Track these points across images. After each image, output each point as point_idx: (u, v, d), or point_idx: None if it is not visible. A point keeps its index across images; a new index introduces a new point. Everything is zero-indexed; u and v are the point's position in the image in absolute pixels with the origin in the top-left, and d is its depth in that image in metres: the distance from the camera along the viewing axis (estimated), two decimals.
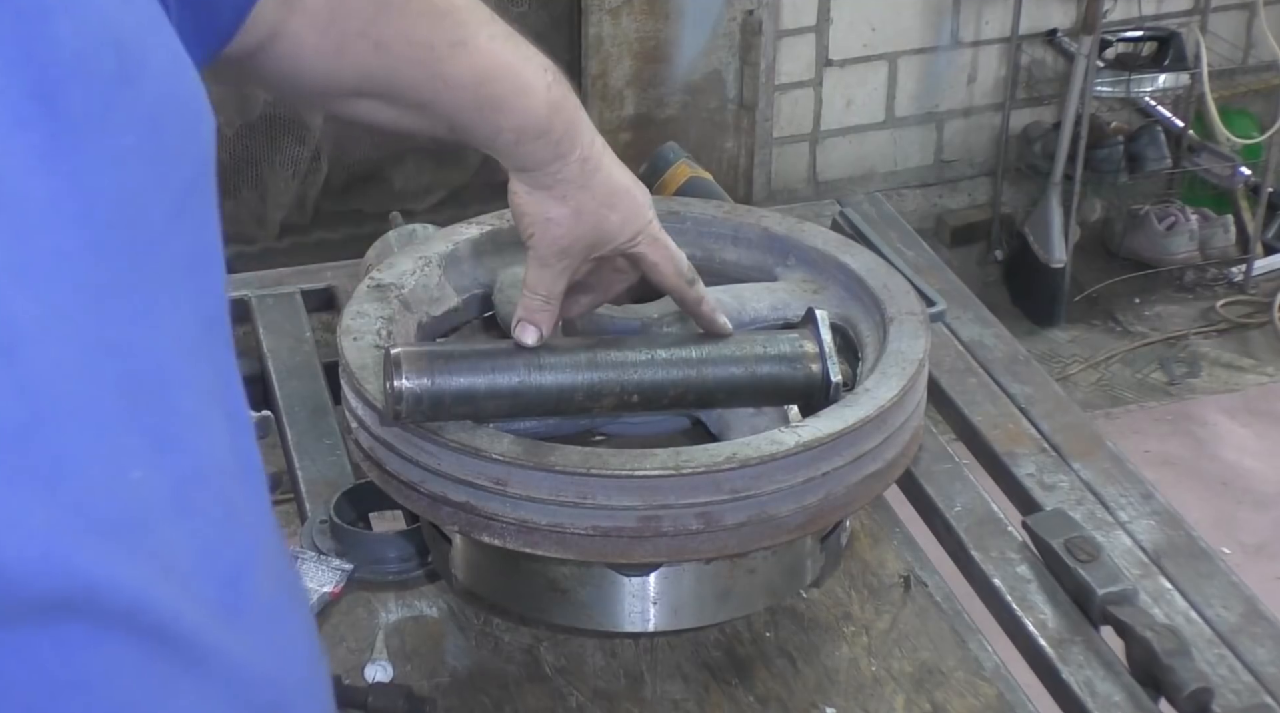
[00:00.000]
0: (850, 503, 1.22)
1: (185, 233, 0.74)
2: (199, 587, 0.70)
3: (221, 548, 0.72)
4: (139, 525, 0.66)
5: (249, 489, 0.78)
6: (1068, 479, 1.53)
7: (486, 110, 1.13)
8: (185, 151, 0.75)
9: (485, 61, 1.12)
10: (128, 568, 0.65)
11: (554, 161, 1.16)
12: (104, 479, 0.65)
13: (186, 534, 0.70)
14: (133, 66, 0.71)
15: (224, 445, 0.75)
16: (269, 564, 0.78)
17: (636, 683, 1.29)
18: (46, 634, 0.62)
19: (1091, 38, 3.67)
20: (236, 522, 0.75)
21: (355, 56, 1.06)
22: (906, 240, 1.96)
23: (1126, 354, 3.87)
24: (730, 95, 3.65)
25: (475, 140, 1.16)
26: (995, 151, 4.07)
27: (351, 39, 1.05)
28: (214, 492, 0.73)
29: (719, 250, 1.48)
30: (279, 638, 0.77)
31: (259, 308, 1.82)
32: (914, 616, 1.36)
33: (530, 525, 1.16)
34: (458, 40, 1.10)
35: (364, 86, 1.10)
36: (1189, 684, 1.25)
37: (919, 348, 1.28)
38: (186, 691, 0.69)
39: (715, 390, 1.23)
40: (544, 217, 1.18)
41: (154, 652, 0.67)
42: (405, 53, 1.08)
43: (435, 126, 1.14)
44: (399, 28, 1.07)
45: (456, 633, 1.35)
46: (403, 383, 1.14)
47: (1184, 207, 4.07)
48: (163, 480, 0.69)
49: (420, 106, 1.12)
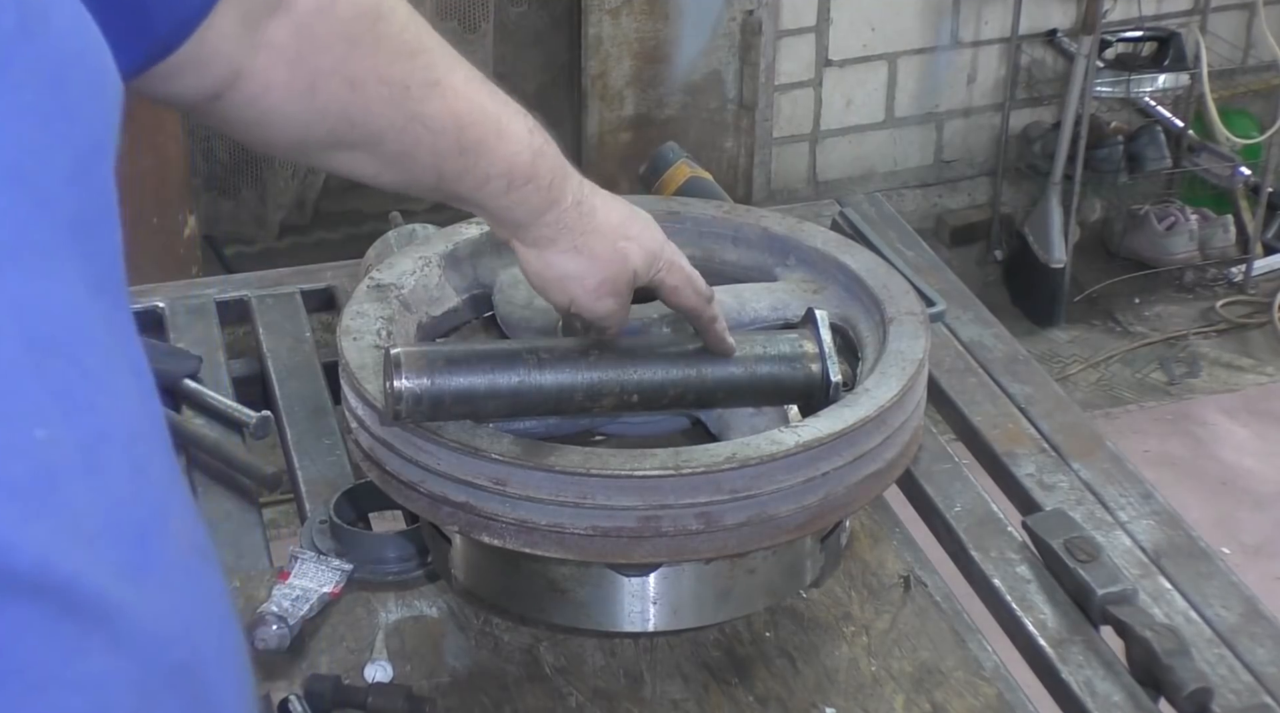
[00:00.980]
0: (850, 503, 1.22)
1: (81, 193, 0.73)
2: (105, 546, 0.69)
3: (129, 507, 0.72)
4: (45, 485, 0.66)
5: (156, 448, 0.77)
6: (1067, 479, 1.53)
7: (470, 156, 1.11)
8: (88, 111, 0.74)
9: (463, 104, 1.10)
10: (33, 527, 0.65)
11: (549, 209, 1.15)
12: (7, 439, 0.65)
13: (93, 492, 0.69)
14: (34, 22, 0.70)
15: (132, 403, 0.75)
16: (178, 524, 0.77)
17: (636, 683, 1.29)
18: None
19: (1091, 38, 3.67)
20: (145, 480, 0.74)
21: (328, 97, 1.04)
22: (906, 240, 1.96)
23: (1126, 354, 3.87)
24: (730, 95, 3.65)
25: (464, 191, 1.14)
26: (995, 151, 4.07)
27: (323, 77, 1.03)
28: (122, 450, 0.72)
29: (719, 250, 1.48)
30: (189, 598, 0.77)
31: (259, 308, 1.82)
32: (914, 616, 1.36)
33: (530, 525, 1.16)
34: (432, 80, 1.08)
35: (341, 133, 1.07)
36: (1189, 684, 1.25)
37: (919, 348, 1.28)
38: (93, 651, 0.69)
39: (715, 390, 1.23)
40: (565, 276, 1.18)
41: (59, 614, 0.67)
42: (380, 93, 1.06)
43: (422, 177, 1.13)
44: (371, 65, 1.05)
45: (456, 633, 1.35)
46: (403, 383, 1.14)
47: (1184, 207, 4.07)
48: (70, 439, 0.68)
49: (403, 155, 1.10)
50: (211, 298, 1.83)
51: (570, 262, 1.17)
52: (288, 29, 1.00)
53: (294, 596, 1.33)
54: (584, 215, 1.17)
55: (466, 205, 1.16)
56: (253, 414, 1.61)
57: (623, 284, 1.19)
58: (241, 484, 1.54)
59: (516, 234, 1.18)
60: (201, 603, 0.79)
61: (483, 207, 1.16)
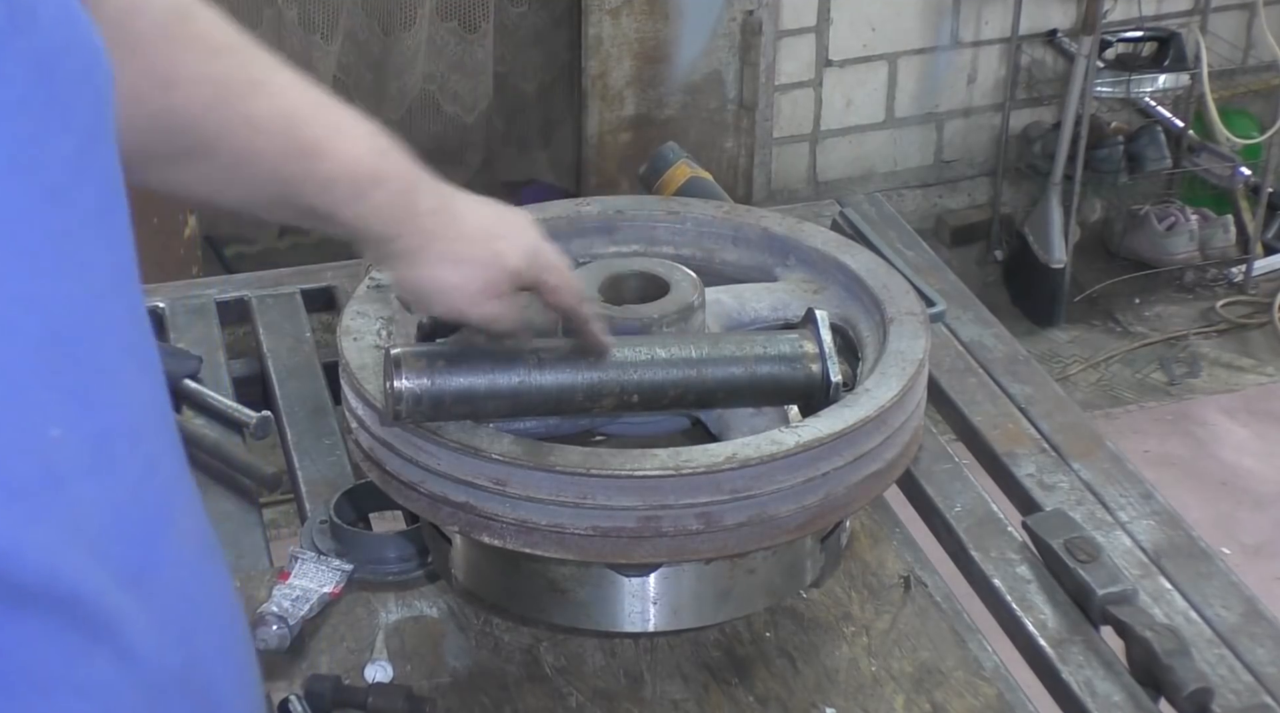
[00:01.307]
0: (850, 503, 1.22)
1: (88, 184, 0.73)
2: (109, 547, 0.69)
3: (137, 505, 0.72)
4: (54, 485, 0.66)
5: (165, 443, 0.77)
6: (1068, 479, 1.53)
7: (309, 158, 1.05)
8: (80, 101, 0.74)
9: (287, 103, 1.05)
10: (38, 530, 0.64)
11: (408, 218, 1.09)
12: (20, 438, 0.65)
13: (101, 490, 0.69)
14: (22, 16, 0.70)
15: (144, 399, 0.75)
16: (184, 523, 0.77)
17: (636, 683, 1.29)
18: None
19: (1091, 38, 3.67)
20: (153, 476, 0.74)
21: (150, 101, 0.99)
22: (906, 240, 1.96)
23: (1126, 354, 3.87)
24: (730, 95, 3.65)
25: (311, 199, 1.07)
26: (995, 152, 4.07)
27: (141, 77, 0.98)
28: (133, 447, 0.72)
29: (719, 250, 1.48)
30: (194, 598, 0.77)
31: (259, 308, 1.82)
32: (914, 616, 1.36)
33: (530, 526, 1.16)
34: (253, 79, 1.04)
35: (172, 141, 1.02)
36: (1189, 684, 1.25)
37: (919, 348, 1.28)
38: (98, 657, 0.69)
39: (715, 390, 1.23)
40: (441, 287, 1.12)
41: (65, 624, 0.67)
42: (201, 92, 1.01)
43: (264, 187, 1.06)
44: (186, 63, 1.01)
45: (456, 633, 1.35)
46: (403, 383, 1.14)
47: (1184, 207, 4.07)
48: (82, 437, 0.68)
49: (239, 163, 1.04)
50: (211, 298, 1.83)
51: (444, 272, 1.12)
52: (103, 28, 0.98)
53: (294, 596, 1.33)
54: (449, 221, 1.11)
55: (319, 220, 1.08)
56: (253, 414, 1.61)
57: (503, 286, 1.13)
58: (241, 484, 1.54)
59: (382, 249, 1.11)
60: (206, 602, 0.79)
61: (335, 217, 1.08)
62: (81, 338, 0.70)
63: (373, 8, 3.48)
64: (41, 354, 0.66)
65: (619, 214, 1.50)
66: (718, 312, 1.35)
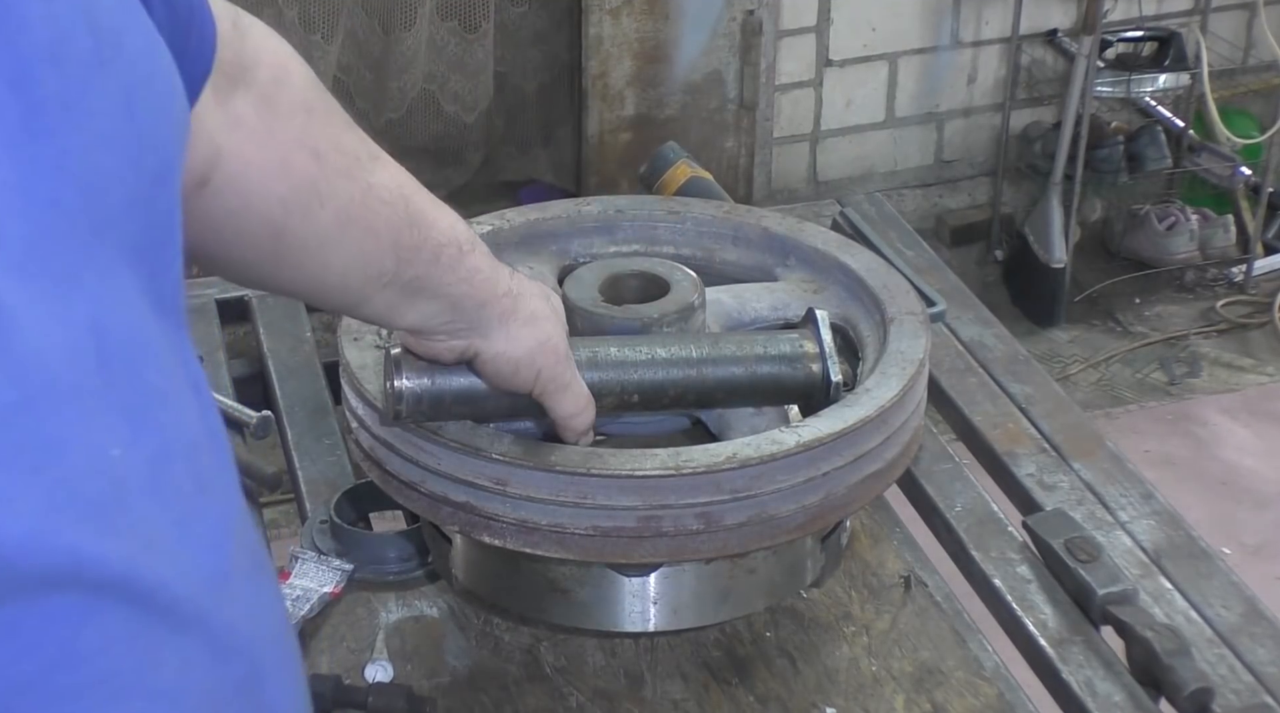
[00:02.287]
0: (850, 503, 1.22)
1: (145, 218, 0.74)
2: (175, 560, 0.71)
3: (193, 522, 0.73)
4: (119, 502, 0.67)
5: (218, 463, 0.78)
6: (1068, 479, 1.53)
7: (420, 227, 1.07)
8: (158, 135, 0.74)
9: (400, 174, 1.07)
10: (113, 543, 0.66)
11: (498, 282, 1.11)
12: (88, 458, 0.66)
13: (162, 509, 0.70)
14: (109, 49, 0.70)
15: (193, 420, 0.76)
16: (240, 536, 0.78)
17: (636, 683, 1.29)
18: (38, 610, 0.63)
19: (1091, 38, 3.67)
20: (208, 495, 0.75)
21: (298, 171, 1.00)
22: (906, 240, 1.96)
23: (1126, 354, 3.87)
24: (730, 95, 3.65)
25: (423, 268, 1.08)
26: (995, 151, 4.07)
27: (291, 149, 0.99)
28: (185, 466, 0.73)
29: (719, 250, 1.49)
30: (252, 612, 0.78)
31: (259, 308, 1.82)
32: (914, 616, 1.36)
33: (530, 525, 1.16)
34: (373, 152, 1.06)
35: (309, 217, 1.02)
36: (1189, 684, 1.25)
37: (919, 348, 1.28)
38: (171, 659, 0.70)
39: (715, 390, 1.23)
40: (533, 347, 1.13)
41: (140, 623, 0.68)
42: (339, 163, 1.02)
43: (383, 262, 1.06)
44: (328, 134, 1.02)
45: (456, 633, 1.35)
46: (403, 383, 1.14)
47: (1184, 207, 4.07)
48: (139, 457, 0.69)
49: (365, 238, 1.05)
50: (212, 298, 1.83)
51: (533, 331, 1.13)
52: (251, 102, 0.98)
53: (294, 596, 1.33)
54: (519, 282, 1.14)
55: (425, 295, 1.09)
56: (253, 414, 1.61)
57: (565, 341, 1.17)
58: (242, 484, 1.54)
59: (479, 319, 1.12)
60: (264, 617, 0.80)
61: (441, 286, 1.09)
62: (132, 363, 0.71)
63: (373, 8, 3.48)
64: (100, 377, 0.67)
65: (619, 214, 1.50)
66: (718, 312, 1.36)
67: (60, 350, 0.65)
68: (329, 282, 1.07)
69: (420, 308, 1.10)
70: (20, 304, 0.63)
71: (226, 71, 0.94)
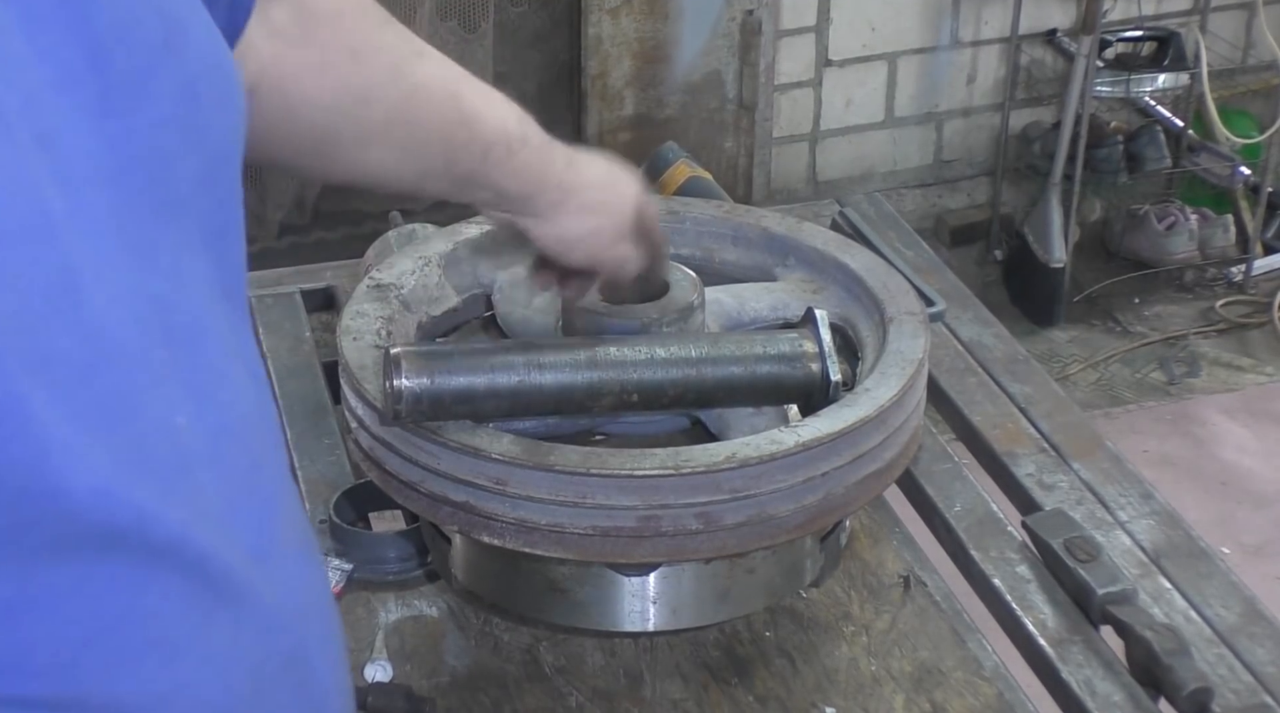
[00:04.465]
0: (850, 503, 1.22)
1: (209, 201, 0.76)
2: (229, 531, 0.73)
3: (247, 497, 0.75)
4: (182, 469, 0.70)
5: (270, 444, 0.81)
6: (1067, 479, 1.53)
7: (470, 124, 1.10)
8: (218, 123, 0.77)
9: (448, 71, 1.10)
10: (173, 507, 0.68)
11: (548, 171, 1.14)
12: (155, 423, 0.68)
13: (219, 482, 0.72)
14: (178, 36, 0.73)
15: (249, 401, 0.78)
16: (287, 515, 0.80)
17: (636, 683, 1.29)
18: (104, 571, 0.66)
19: (1091, 38, 3.67)
20: (260, 474, 0.77)
21: (337, 72, 1.03)
22: (906, 240, 1.96)
23: (1126, 354, 3.87)
24: (730, 95, 3.65)
25: (473, 164, 1.11)
26: (995, 151, 4.06)
27: (329, 50, 1.02)
28: (241, 445, 0.76)
29: (719, 250, 1.49)
30: (299, 588, 0.80)
31: (259, 308, 1.82)
32: (914, 616, 1.36)
33: (530, 525, 1.16)
34: (416, 50, 1.08)
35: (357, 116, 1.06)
36: (1188, 684, 1.25)
37: (918, 348, 1.28)
38: (221, 627, 0.72)
39: (715, 390, 1.23)
40: (582, 236, 1.17)
41: (196, 588, 0.70)
42: (380, 62, 1.05)
43: (435, 159, 1.10)
44: (364, 32, 1.05)
45: (456, 633, 1.35)
46: (402, 382, 1.14)
47: (1183, 206, 4.07)
48: (201, 430, 0.71)
49: (414, 135, 1.08)
50: None
51: (583, 221, 1.17)
52: (287, 9, 1.00)
53: None
54: (578, 174, 1.17)
55: (474, 187, 1.13)
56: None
57: (628, 227, 1.19)
58: None
59: (527, 208, 1.16)
60: (311, 594, 0.82)
61: (489, 181, 1.13)
62: (196, 341, 0.73)
63: None
64: (166, 350, 0.70)
65: None
66: (718, 312, 1.36)
67: (130, 320, 0.67)
68: (382, 175, 1.11)
69: (473, 195, 1.15)
70: (97, 271, 0.65)
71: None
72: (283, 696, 0.77)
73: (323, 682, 0.81)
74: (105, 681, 0.67)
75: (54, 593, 0.64)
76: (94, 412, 0.64)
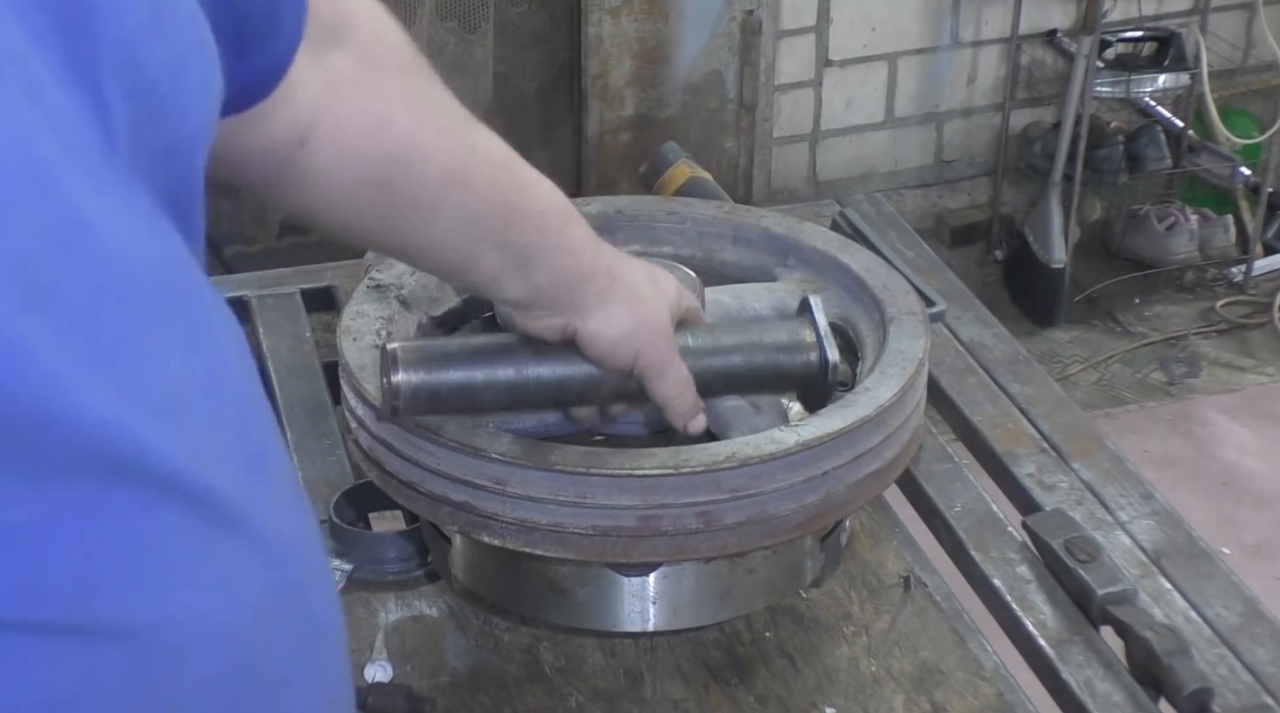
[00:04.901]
0: (850, 502, 1.22)
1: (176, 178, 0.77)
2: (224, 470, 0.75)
3: (238, 443, 0.77)
4: (177, 411, 0.72)
5: (255, 399, 0.82)
6: (1067, 479, 1.53)
7: (523, 189, 1.08)
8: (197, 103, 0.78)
9: (496, 138, 1.09)
10: (170, 445, 0.70)
11: (600, 258, 1.12)
12: (152, 363, 0.70)
13: (212, 426, 0.75)
14: (165, 15, 0.73)
15: (233, 357, 0.79)
16: (277, 466, 0.82)
17: (636, 683, 1.29)
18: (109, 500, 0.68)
19: (1091, 38, 3.67)
20: (248, 426, 0.79)
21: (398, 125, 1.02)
22: (906, 240, 1.95)
23: (1126, 354, 3.87)
24: (730, 95, 3.65)
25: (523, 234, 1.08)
26: (995, 151, 4.07)
27: (390, 104, 1.01)
28: (230, 398, 0.77)
29: (719, 250, 1.49)
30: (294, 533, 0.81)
31: (259, 308, 1.82)
32: (914, 616, 1.36)
33: (530, 525, 1.16)
34: (469, 116, 1.07)
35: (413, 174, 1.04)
36: (1189, 684, 1.25)
37: (919, 347, 1.28)
38: (224, 557, 0.74)
39: (713, 380, 1.22)
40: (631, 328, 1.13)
41: (198, 519, 0.72)
42: (439, 121, 1.04)
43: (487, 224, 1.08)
44: (427, 93, 1.04)
45: (456, 633, 1.35)
46: (399, 377, 1.13)
47: (1184, 207, 4.07)
48: (192, 376, 0.73)
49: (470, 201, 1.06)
50: None
51: (631, 310, 1.14)
52: (349, 59, 0.99)
53: None
54: (625, 263, 1.15)
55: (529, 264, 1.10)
56: None
57: (670, 322, 1.17)
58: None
59: (578, 296, 1.12)
60: (306, 539, 0.83)
61: (543, 256, 1.10)
62: (183, 295, 0.75)
63: None
64: (158, 299, 0.72)
65: (619, 214, 1.50)
66: (717, 311, 1.36)
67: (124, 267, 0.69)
68: (439, 239, 1.08)
69: (527, 278, 1.10)
70: (92, 218, 0.67)
71: (322, 30, 0.96)
72: (282, 628, 0.79)
73: (319, 619, 0.83)
74: (117, 606, 0.69)
75: (67, 519, 0.67)
76: (94, 350, 0.66)
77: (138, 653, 0.70)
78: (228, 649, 0.75)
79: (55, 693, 0.68)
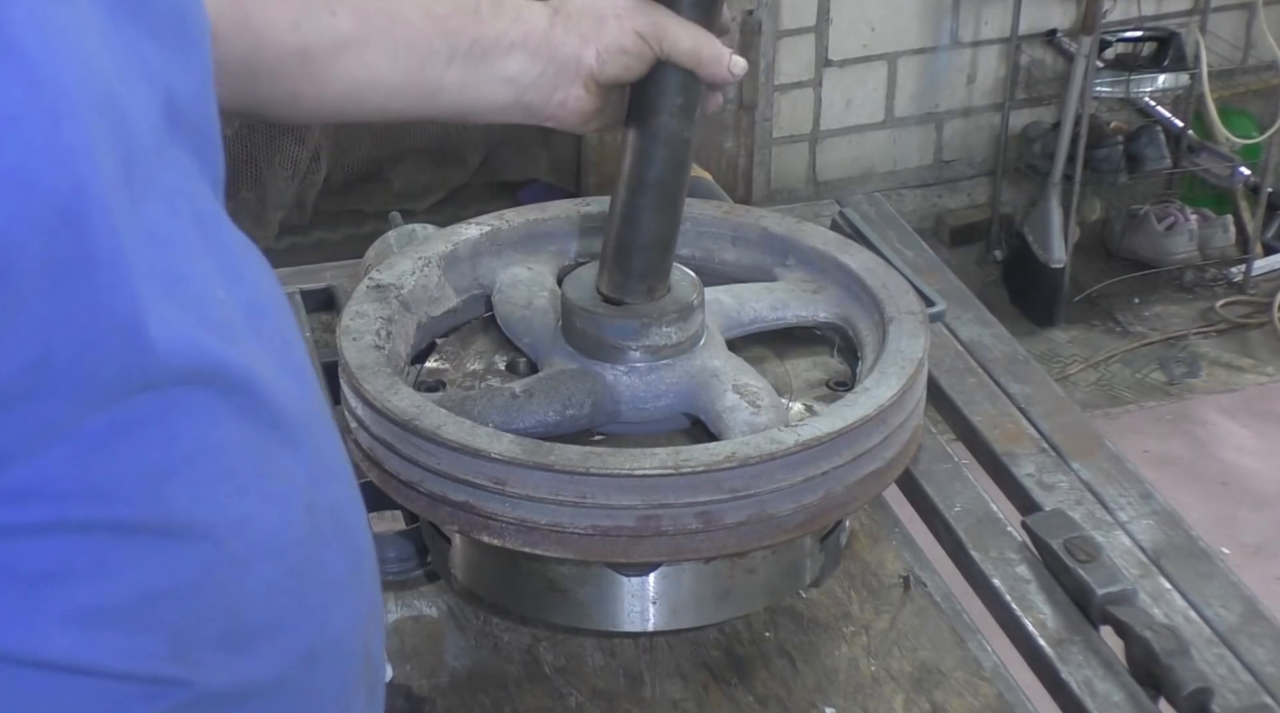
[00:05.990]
0: (850, 502, 1.22)
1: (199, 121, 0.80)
2: (279, 385, 0.78)
3: (284, 364, 0.80)
4: (230, 335, 0.75)
5: (292, 326, 0.85)
6: (1067, 479, 1.53)
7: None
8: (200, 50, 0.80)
9: None
10: (235, 356, 0.74)
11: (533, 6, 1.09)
12: (204, 291, 0.74)
13: (261, 351, 0.78)
14: None
15: (270, 286, 0.83)
16: (319, 394, 0.85)
17: (636, 683, 1.29)
18: (182, 402, 0.71)
19: (1091, 38, 3.68)
20: (291, 348, 0.82)
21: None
22: (906, 240, 1.95)
23: (1126, 354, 3.87)
24: (730, 95, 3.65)
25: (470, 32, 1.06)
26: (995, 151, 4.07)
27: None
28: (271, 322, 0.81)
29: (718, 250, 1.49)
30: (334, 454, 0.85)
31: None
32: (913, 616, 1.36)
33: (529, 525, 1.16)
34: None
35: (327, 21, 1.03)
36: (1188, 684, 1.25)
37: (918, 347, 1.28)
38: (283, 466, 0.78)
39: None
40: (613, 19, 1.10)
41: (260, 428, 0.76)
42: None
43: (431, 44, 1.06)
44: None
45: (456, 633, 1.35)
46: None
47: (1183, 207, 4.08)
48: (238, 304, 0.77)
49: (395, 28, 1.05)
50: None
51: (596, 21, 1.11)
52: None
53: None
54: None
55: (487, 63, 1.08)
56: None
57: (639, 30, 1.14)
58: None
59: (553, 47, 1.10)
60: (342, 461, 0.87)
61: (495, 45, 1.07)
62: (218, 232, 0.78)
63: None
64: (197, 232, 0.75)
65: None
66: (717, 311, 1.36)
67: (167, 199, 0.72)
68: (389, 82, 1.06)
69: (499, 71, 1.09)
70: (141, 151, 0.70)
71: None
72: (331, 540, 0.82)
73: (357, 540, 0.86)
74: (187, 506, 0.73)
75: (140, 424, 0.70)
76: (159, 278, 0.69)
77: (211, 554, 0.74)
78: (287, 555, 0.78)
79: (144, 591, 0.71)
